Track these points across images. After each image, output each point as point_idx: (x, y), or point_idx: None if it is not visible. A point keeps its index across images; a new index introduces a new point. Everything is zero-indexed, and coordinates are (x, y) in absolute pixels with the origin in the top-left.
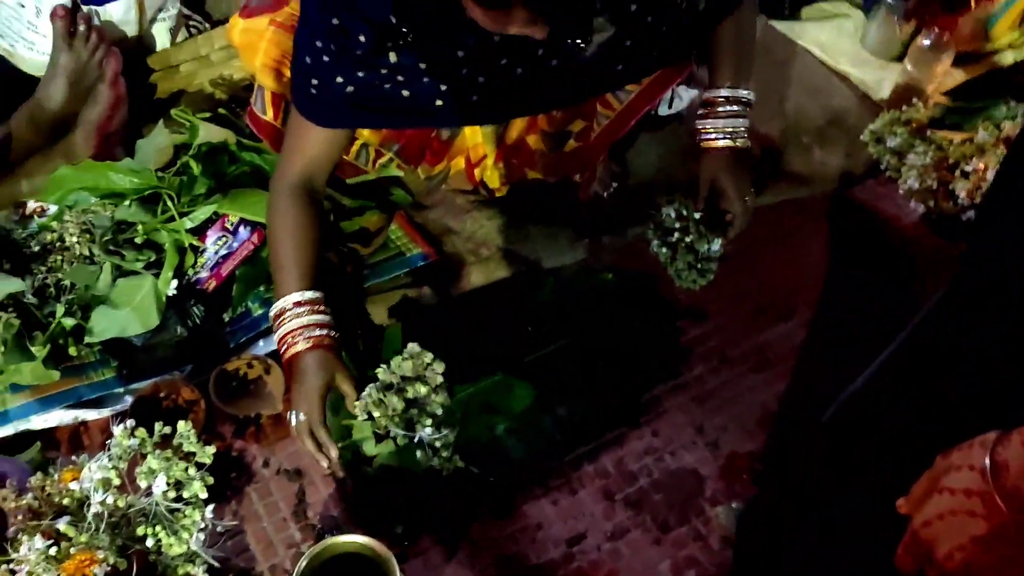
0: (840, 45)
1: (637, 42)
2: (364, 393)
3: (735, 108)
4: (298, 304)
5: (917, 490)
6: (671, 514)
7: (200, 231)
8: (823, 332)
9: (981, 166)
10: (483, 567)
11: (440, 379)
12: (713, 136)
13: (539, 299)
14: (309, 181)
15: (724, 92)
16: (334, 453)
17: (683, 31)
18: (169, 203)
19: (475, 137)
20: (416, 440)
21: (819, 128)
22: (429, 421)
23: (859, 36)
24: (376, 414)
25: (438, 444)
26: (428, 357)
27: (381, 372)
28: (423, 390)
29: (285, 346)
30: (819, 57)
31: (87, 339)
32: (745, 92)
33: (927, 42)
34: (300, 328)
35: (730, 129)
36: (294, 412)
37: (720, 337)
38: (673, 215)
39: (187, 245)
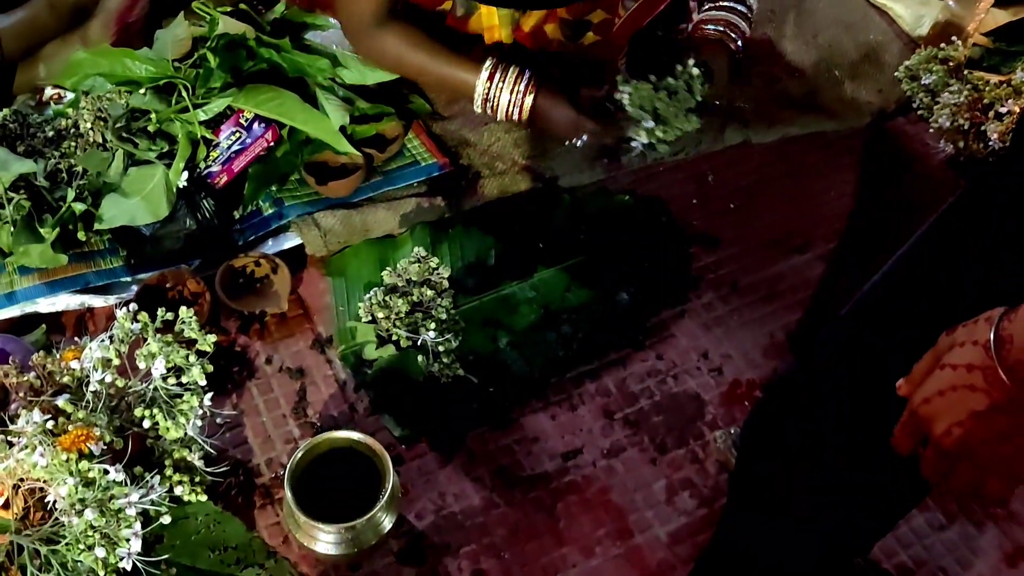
0: None
1: None
2: (367, 295)
3: (740, 7)
4: (496, 69)
5: (918, 369)
6: (669, 436)
7: (214, 125)
8: (838, 267)
9: (1016, 108)
10: (478, 475)
11: (446, 283)
12: (711, 28)
13: (554, 218)
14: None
15: None
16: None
17: None
18: (184, 93)
19: (491, 18)
20: (419, 344)
21: (852, 63)
22: (433, 325)
23: None
24: (380, 316)
25: (440, 349)
26: (435, 261)
27: (387, 275)
28: (429, 293)
29: (512, 106)
30: None
31: (96, 226)
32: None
33: None
34: (512, 82)
35: (724, 25)
36: (571, 143)
37: (732, 265)
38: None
39: (200, 137)
